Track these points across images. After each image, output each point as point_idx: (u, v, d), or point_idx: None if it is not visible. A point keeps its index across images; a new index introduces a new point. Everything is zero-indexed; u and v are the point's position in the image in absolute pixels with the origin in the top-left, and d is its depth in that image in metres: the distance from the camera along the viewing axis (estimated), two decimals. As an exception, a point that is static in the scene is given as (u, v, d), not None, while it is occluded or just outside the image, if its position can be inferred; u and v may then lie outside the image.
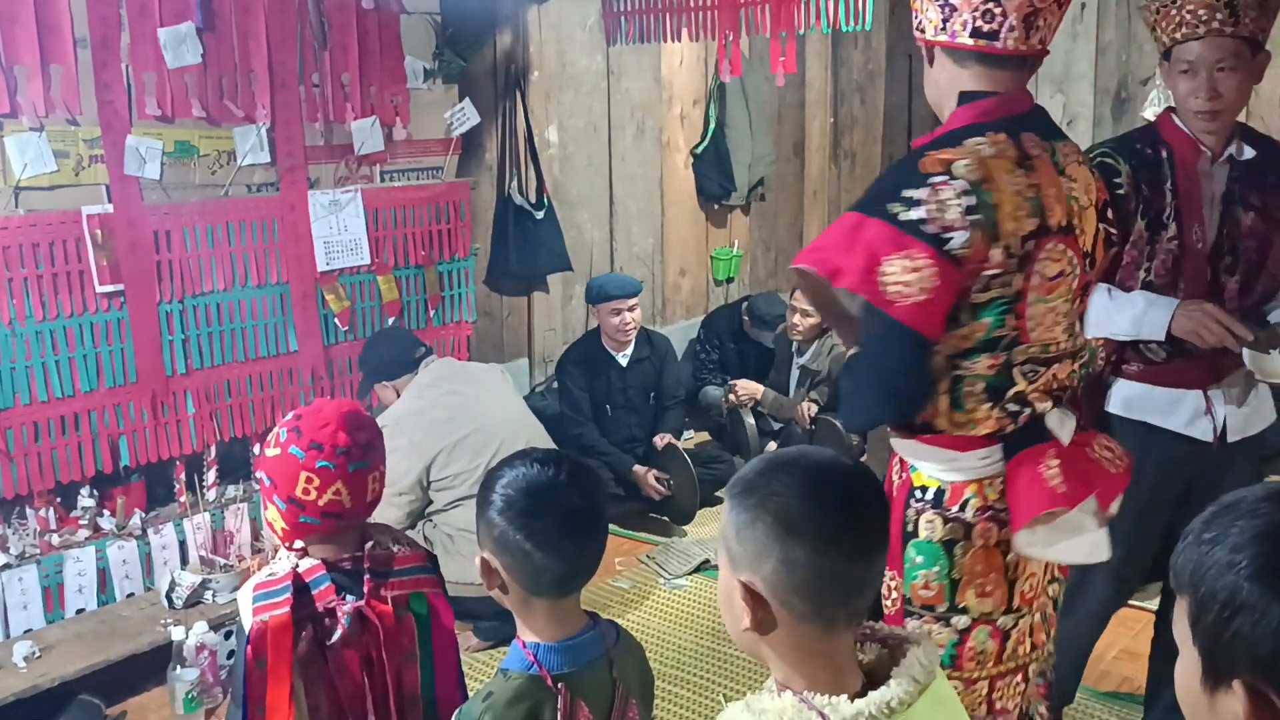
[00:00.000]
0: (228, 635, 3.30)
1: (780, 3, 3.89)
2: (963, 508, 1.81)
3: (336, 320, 4.02)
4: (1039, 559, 1.81)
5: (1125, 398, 2.52)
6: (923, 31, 1.82)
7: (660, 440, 4.69)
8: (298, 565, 1.86)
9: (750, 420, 5.11)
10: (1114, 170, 2.40)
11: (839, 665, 1.23)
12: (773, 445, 5.09)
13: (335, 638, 1.83)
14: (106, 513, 3.53)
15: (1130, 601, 2.85)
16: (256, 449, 3.82)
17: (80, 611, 3.41)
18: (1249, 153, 2.43)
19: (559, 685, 1.55)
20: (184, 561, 3.60)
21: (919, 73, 1.93)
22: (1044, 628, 1.92)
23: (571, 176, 5.28)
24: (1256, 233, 2.43)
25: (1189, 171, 2.43)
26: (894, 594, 1.89)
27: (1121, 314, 2.43)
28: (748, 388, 5.16)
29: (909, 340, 1.71)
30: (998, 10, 1.72)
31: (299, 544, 1.89)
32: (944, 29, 1.77)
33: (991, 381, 1.77)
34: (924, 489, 1.85)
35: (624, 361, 4.74)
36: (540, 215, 4.88)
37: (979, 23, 1.73)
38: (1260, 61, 2.34)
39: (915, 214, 1.68)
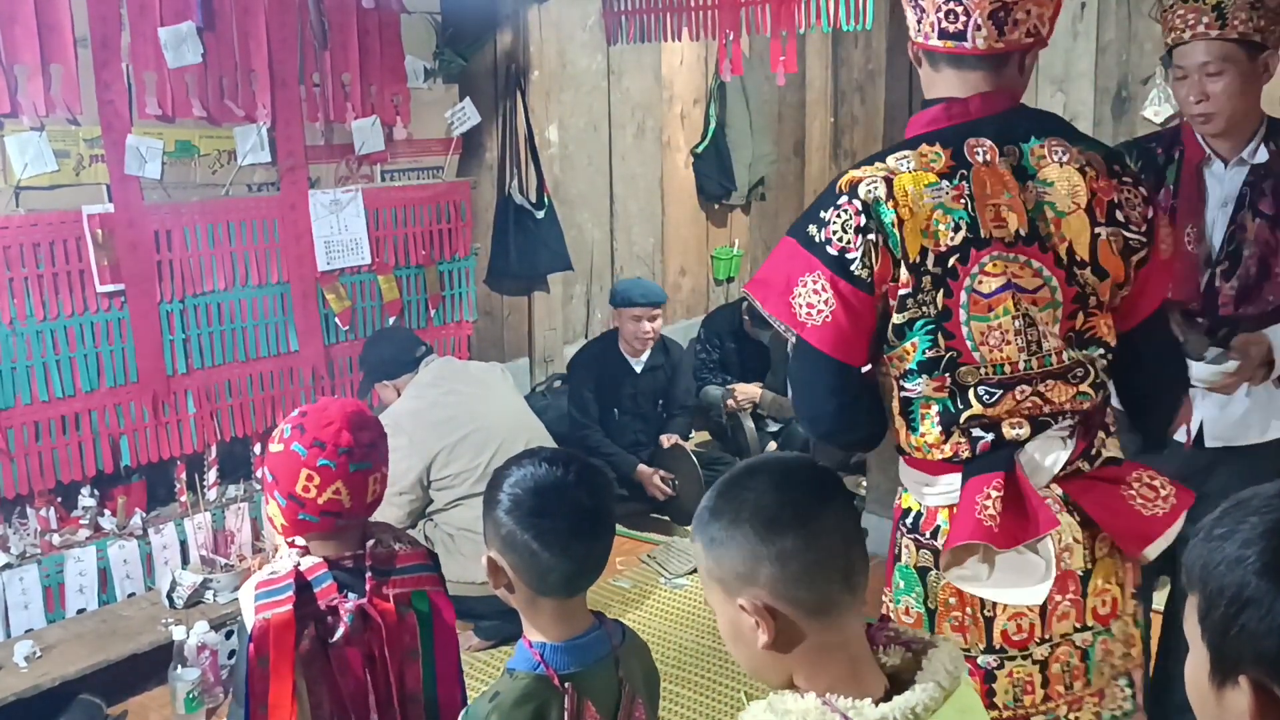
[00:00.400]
0: (229, 635, 3.30)
1: (781, 2, 3.88)
2: (934, 534, 1.77)
3: (337, 320, 4.02)
4: (971, 593, 1.72)
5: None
6: (910, 34, 1.79)
7: (667, 440, 4.68)
8: (300, 563, 1.86)
9: (749, 424, 5.11)
10: None
11: (856, 658, 1.23)
12: (773, 445, 5.09)
13: (337, 636, 1.83)
14: (107, 512, 3.53)
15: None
16: (257, 449, 3.82)
17: (81, 611, 3.40)
18: (1262, 155, 2.37)
19: (566, 685, 1.55)
20: (185, 561, 3.60)
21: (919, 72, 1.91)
22: (1063, 679, 1.78)
23: (572, 176, 5.28)
24: (1260, 240, 2.37)
25: (1191, 173, 2.42)
26: (891, 615, 1.84)
27: None
28: (746, 392, 5.17)
29: (820, 363, 1.71)
30: (960, 9, 1.67)
31: (300, 541, 1.89)
32: (918, 31, 1.74)
33: (945, 404, 1.72)
34: (908, 512, 1.82)
35: (638, 368, 4.72)
36: (541, 215, 4.88)
37: (944, 24, 1.69)
38: (1263, 63, 2.30)
39: (821, 235, 1.68)
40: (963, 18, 1.67)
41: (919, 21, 1.73)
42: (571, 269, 5.09)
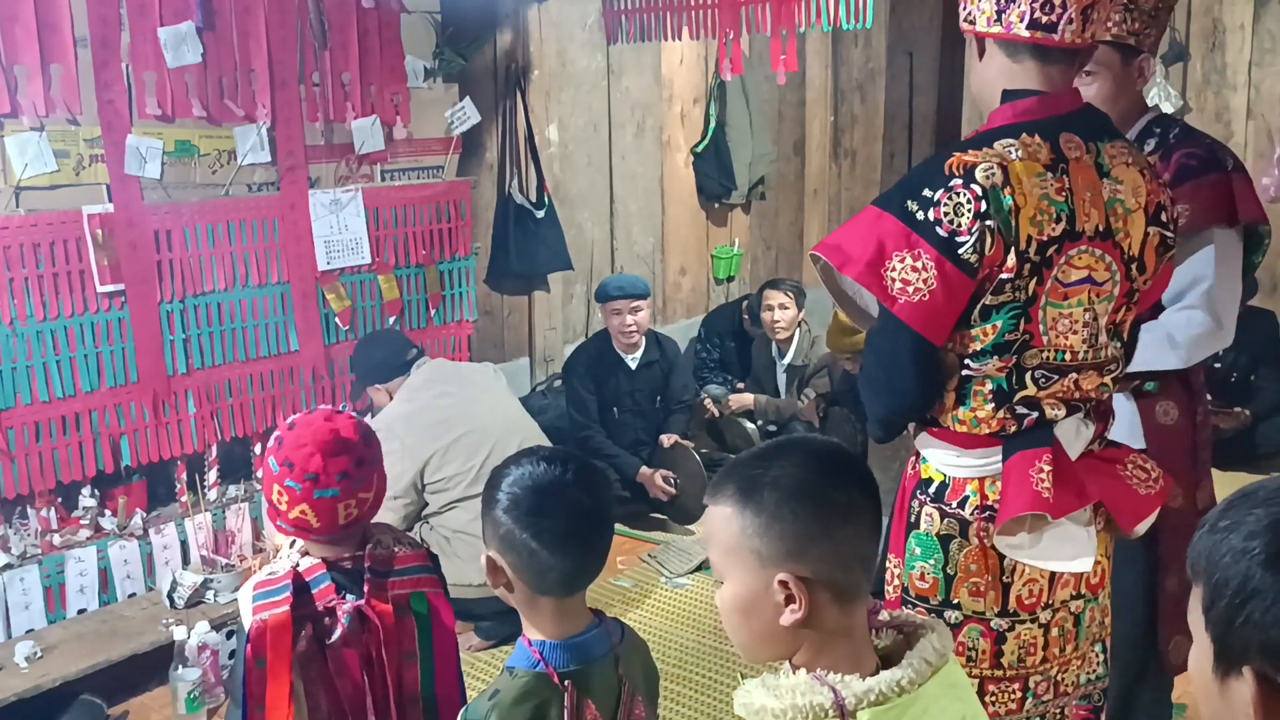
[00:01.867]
0: (229, 635, 3.30)
1: (780, 1, 3.88)
2: (961, 504, 1.82)
3: (337, 319, 4.02)
4: (1023, 562, 1.79)
5: None
6: (972, 23, 1.79)
7: (667, 440, 4.67)
8: (298, 564, 1.86)
9: (750, 426, 5.11)
10: None
11: (858, 639, 1.26)
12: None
13: (335, 637, 1.83)
14: (108, 512, 3.53)
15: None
16: (257, 449, 3.83)
17: (82, 611, 3.40)
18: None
19: (565, 683, 1.55)
20: (185, 561, 3.60)
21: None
22: (1060, 642, 1.87)
23: (572, 175, 5.28)
24: None
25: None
26: (895, 580, 1.91)
27: None
28: (739, 401, 5.17)
29: (907, 338, 1.72)
30: (1058, 1, 1.70)
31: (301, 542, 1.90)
32: (999, 20, 1.75)
33: (1000, 383, 1.77)
34: (929, 482, 1.86)
35: (633, 364, 4.71)
36: (541, 214, 4.88)
37: (1038, 14, 1.71)
38: (1138, 66, 2.29)
39: (929, 214, 1.68)
40: (1058, 9, 1.71)
41: (1001, 12, 1.74)
42: (571, 268, 5.09)
